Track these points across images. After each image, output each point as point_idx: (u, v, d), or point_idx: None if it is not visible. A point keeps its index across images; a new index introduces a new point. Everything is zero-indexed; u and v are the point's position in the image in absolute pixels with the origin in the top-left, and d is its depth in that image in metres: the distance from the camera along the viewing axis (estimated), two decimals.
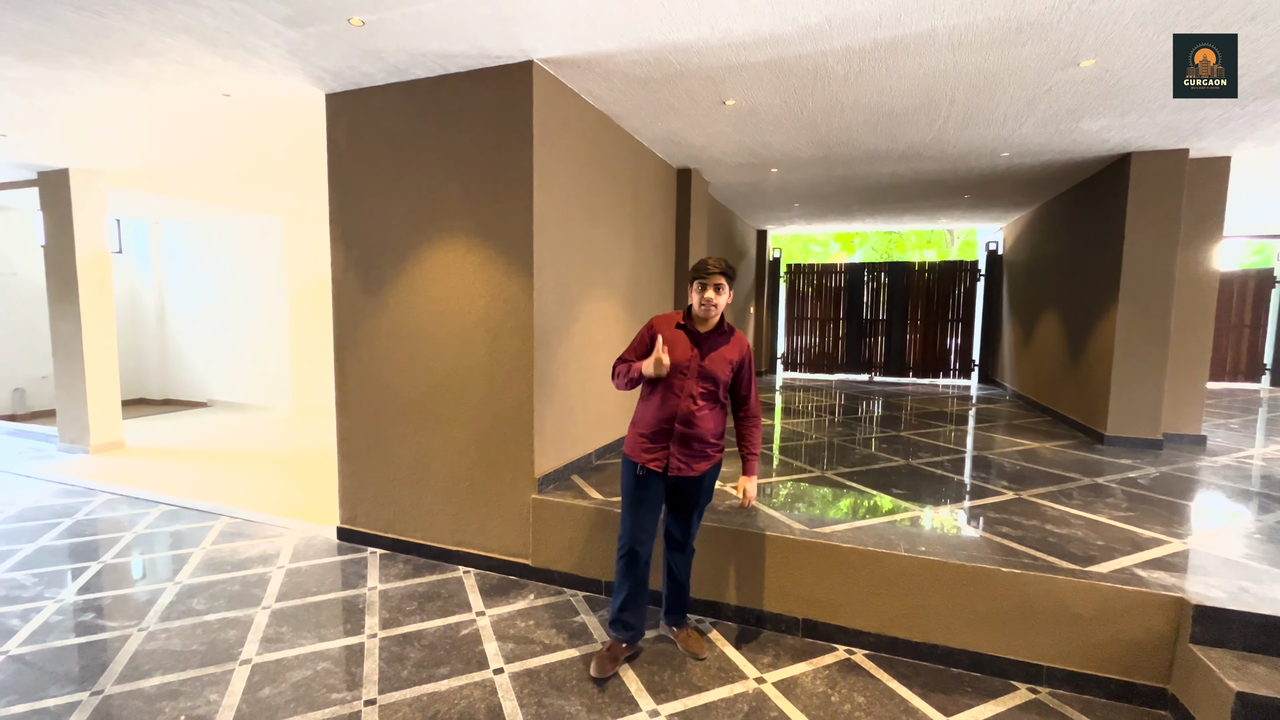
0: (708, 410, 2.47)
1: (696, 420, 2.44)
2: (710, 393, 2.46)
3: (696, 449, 2.46)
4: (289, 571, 3.45)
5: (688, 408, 2.43)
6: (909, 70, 3.29)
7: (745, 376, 2.55)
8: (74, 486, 5.02)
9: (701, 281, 2.42)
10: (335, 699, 2.35)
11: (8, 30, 2.86)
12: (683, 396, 2.43)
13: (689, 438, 2.44)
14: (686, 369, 2.44)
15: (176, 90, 3.63)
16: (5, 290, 7.71)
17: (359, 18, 2.71)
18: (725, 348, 2.49)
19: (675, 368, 2.44)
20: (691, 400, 2.43)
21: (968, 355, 9.75)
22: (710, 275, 2.40)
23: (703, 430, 2.45)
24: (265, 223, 8.35)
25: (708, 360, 2.45)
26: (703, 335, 2.47)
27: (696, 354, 2.45)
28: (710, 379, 2.45)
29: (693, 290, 2.47)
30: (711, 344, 2.47)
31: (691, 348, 2.46)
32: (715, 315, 2.46)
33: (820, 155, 5.09)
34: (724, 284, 2.43)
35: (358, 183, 3.65)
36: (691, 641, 2.71)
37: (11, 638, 2.77)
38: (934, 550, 2.73)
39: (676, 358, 2.44)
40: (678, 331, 2.49)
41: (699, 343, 2.46)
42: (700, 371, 2.44)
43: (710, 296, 2.41)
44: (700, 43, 2.97)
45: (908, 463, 4.36)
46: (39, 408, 7.96)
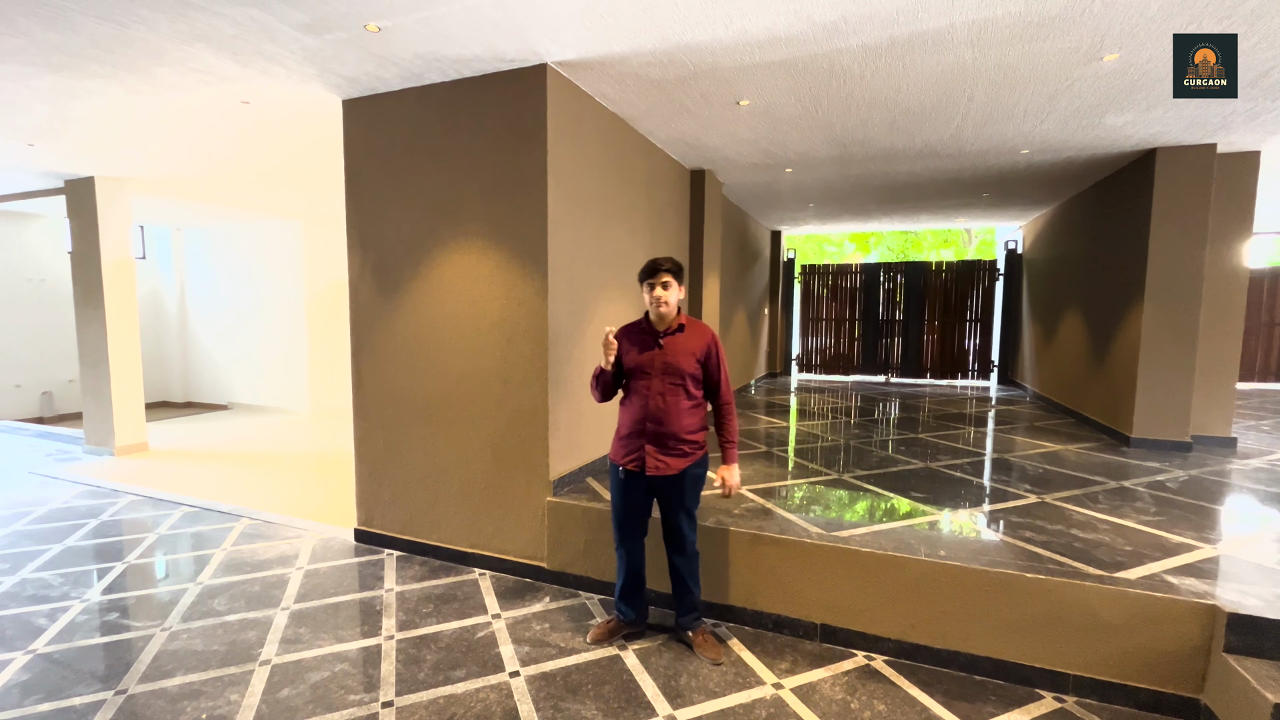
0: (678, 406, 2.51)
1: (666, 417, 2.50)
2: (677, 387, 2.51)
3: (671, 446, 2.51)
4: (307, 573, 3.48)
5: (656, 405, 2.51)
6: (927, 67, 3.24)
7: (714, 365, 2.58)
8: (100, 488, 5.12)
9: (650, 282, 2.49)
10: (353, 700, 2.36)
11: (35, 42, 2.93)
12: (651, 395, 2.51)
13: (661, 435, 2.50)
14: (651, 368, 2.52)
15: (197, 98, 3.69)
16: (34, 296, 7.90)
17: (375, 24, 2.74)
18: (686, 340, 2.55)
19: (640, 369, 2.54)
20: (660, 398, 2.51)
21: (986, 356, 9.60)
22: (657, 274, 2.48)
23: (675, 427, 2.51)
24: (284, 228, 8.47)
25: (669, 355, 2.51)
26: (661, 333, 2.56)
27: (659, 351, 2.52)
28: (675, 373, 2.51)
29: (644, 292, 2.54)
30: (673, 342, 2.55)
31: (653, 346, 2.54)
32: (670, 312, 2.53)
33: (836, 155, 5.04)
34: (672, 281, 2.49)
35: (374, 187, 3.68)
36: (707, 646, 2.68)
37: (39, 636, 2.82)
38: (955, 555, 2.68)
39: (640, 360, 2.54)
40: (640, 334, 2.59)
41: (660, 343, 2.55)
42: (664, 367, 2.51)
43: (660, 294, 2.48)
44: (714, 42, 2.96)
45: (926, 465, 4.30)
46: (66, 410, 8.14)
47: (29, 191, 6.58)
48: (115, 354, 6.16)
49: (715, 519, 3.08)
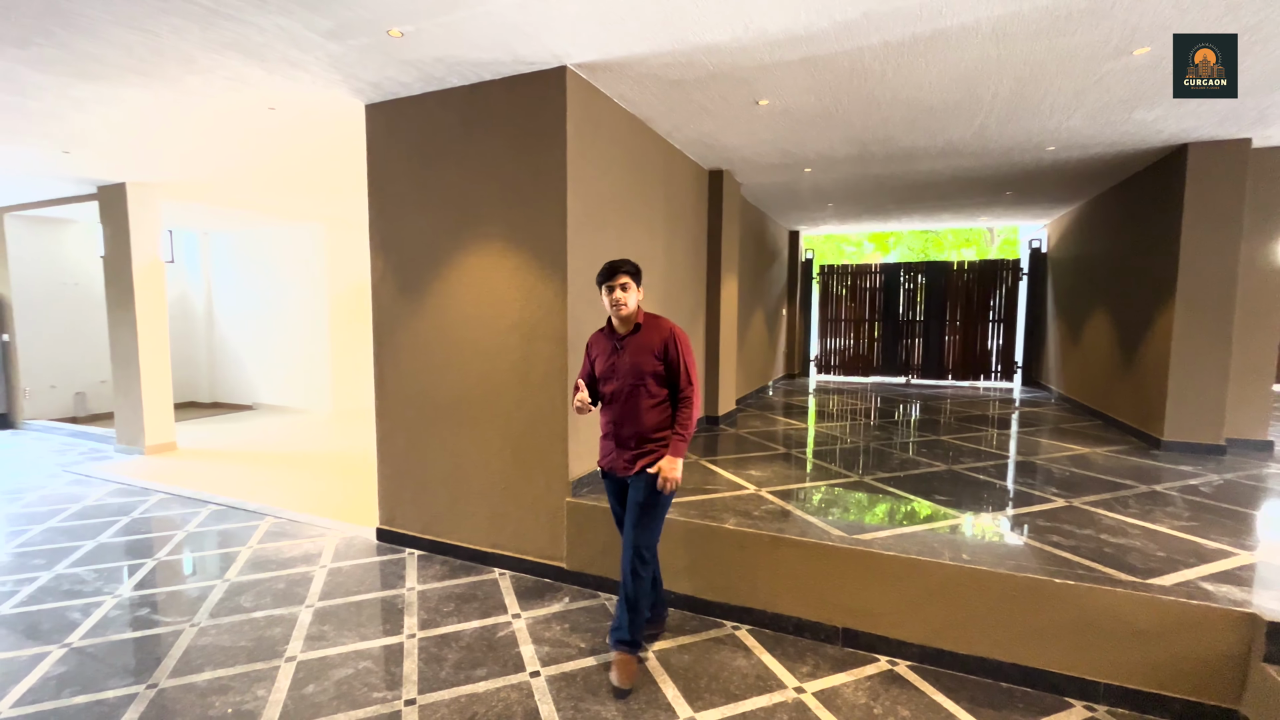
0: (639, 406, 2.49)
1: (630, 418, 2.50)
2: (638, 387, 2.48)
3: (634, 446, 2.51)
4: (330, 571, 3.53)
5: (621, 407, 2.52)
6: (950, 64, 3.20)
7: (674, 359, 2.51)
8: (130, 486, 5.25)
9: (608, 285, 2.47)
10: (376, 698, 2.39)
11: (72, 53, 3.02)
12: (616, 399, 2.53)
13: (626, 437, 2.52)
14: (614, 372, 2.52)
15: (225, 104, 3.77)
16: (68, 299, 8.13)
17: (397, 29, 2.77)
18: (644, 338, 2.51)
19: (606, 374, 2.55)
20: (624, 400, 2.51)
21: (1010, 357, 9.43)
22: (615, 277, 2.45)
23: (639, 427, 2.49)
24: (307, 231, 8.62)
25: (630, 356, 2.50)
26: (621, 336, 2.55)
27: (619, 354, 2.52)
28: (636, 373, 2.48)
29: (603, 295, 2.50)
30: (632, 343, 2.52)
31: (614, 351, 2.54)
32: (629, 313, 2.50)
33: (855, 154, 5.00)
34: (629, 282, 2.47)
35: (396, 190, 3.72)
36: (619, 668, 2.44)
37: (74, 631, 2.90)
38: (980, 559, 2.63)
39: (604, 366, 2.56)
40: (604, 340, 2.60)
41: (620, 346, 2.54)
42: (626, 369, 2.50)
43: (619, 297, 2.46)
44: (733, 43, 2.94)
45: (949, 468, 4.23)
46: (99, 410, 8.36)
47: (64, 198, 6.78)
48: (145, 355, 6.31)
49: (735, 521, 3.06)
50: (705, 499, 3.43)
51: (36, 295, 7.81)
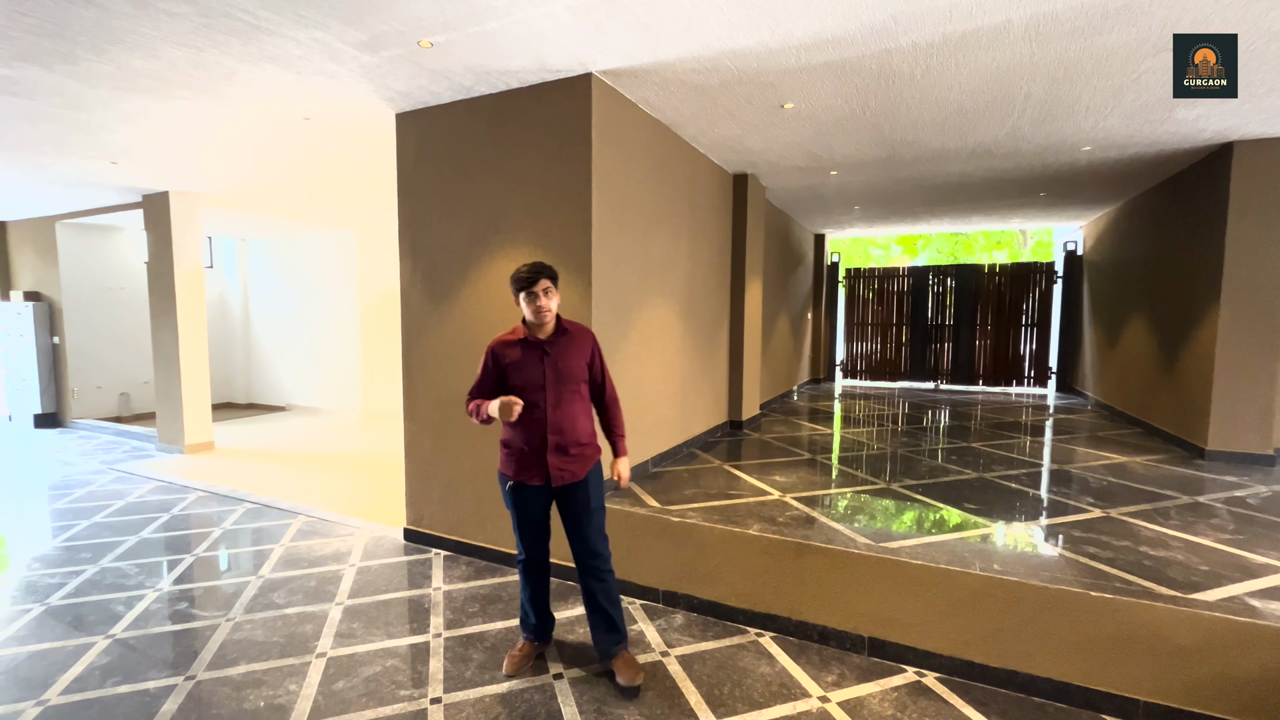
0: (575, 411, 2.45)
1: (567, 426, 2.42)
2: (574, 393, 2.44)
3: (574, 453, 2.44)
4: (359, 570, 3.61)
5: (558, 417, 2.40)
6: (981, 65, 3.14)
7: (597, 365, 2.53)
8: (171, 484, 5.44)
9: (529, 292, 2.34)
10: (403, 695, 2.43)
11: (122, 68, 3.16)
12: (549, 407, 2.39)
13: (564, 445, 2.42)
14: (544, 380, 2.40)
15: (263, 116, 3.90)
16: (114, 303, 8.47)
17: (428, 40, 2.84)
18: (572, 345, 2.45)
19: (532, 383, 2.39)
20: (558, 408, 2.40)
21: (1044, 362, 9.18)
22: (536, 282, 2.33)
23: (577, 434, 2.44)
24: (339, 237, 8.84)
25: (560, 362, 2.41)
26: (546, 342, 2.42)
27: (548, 363, 2.40)
28: (570, 379, 2.42)
29: (522, 302, 2.38)
30: (559, 348, 2.42)
31: (542, 359, 2.41)
32: (551, 319, 2.40)
33: (883, 156, 4.94)
34: (551, 286, 2.37)
35: (425, 197, 3.80)
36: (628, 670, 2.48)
37: (118, 623, 3.01)
38: (1013, 570, 2.57)
39: (529, 376, 2.39)
40: (522, 348, 2.42)
41: (546, 351, 2.41)
42: (557, 376, 2.40)
43: (542, 304, 2.35)
44: (759, 47, 2.94)
45: (980, 476, 4.14)
46: (141, 410, 8.68)
47: (111, 206, 7.07)
48: (186, 358, 6.54)
49: (759, 527, 3.04)
50: (729, 504, 3.42)
51: (85, 299, 8.16)
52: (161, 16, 2.61)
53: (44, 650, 2.77)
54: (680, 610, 3.13)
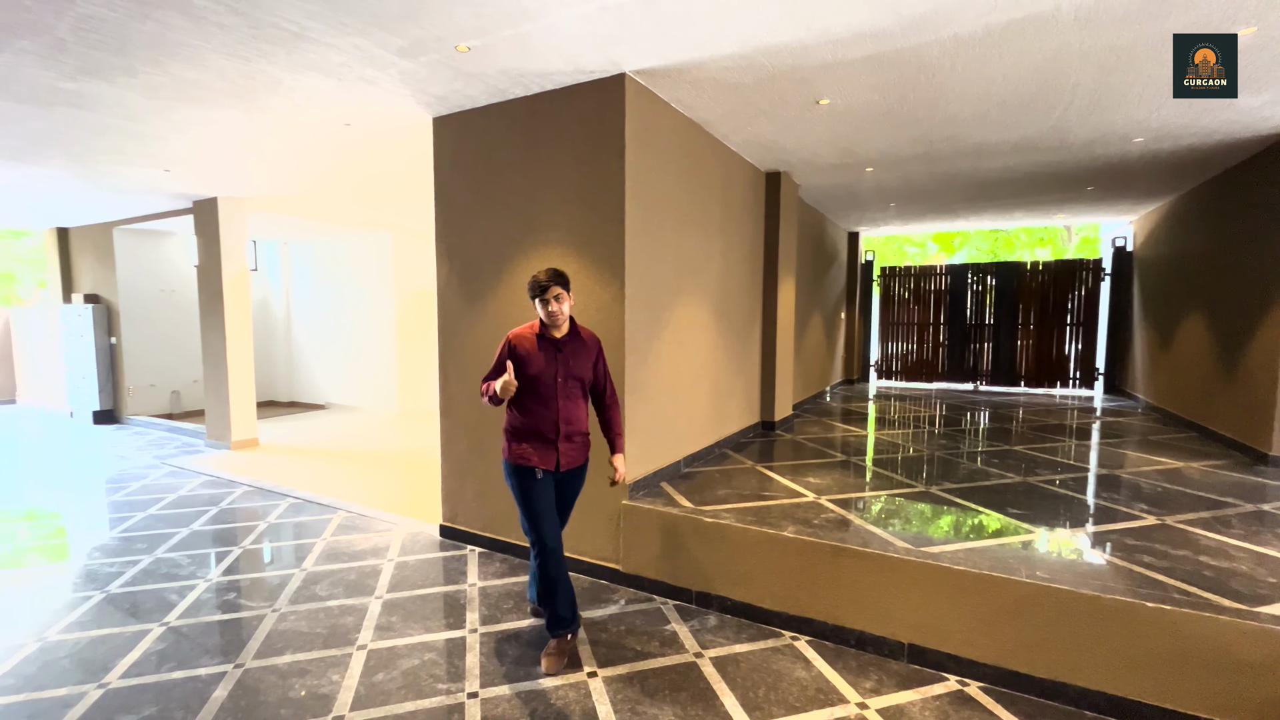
0: (579, 405, 2.71)
1: (575, 416, 2.68)
2: (578, 388, 2.70)
3: (578, 441, 2.71)
4: (397, 565, 3.69)
5: (568, 410, 2.65)
6: (1026, 55, 3.04)
7: (602, 369, 2.79)
8: (218, 478, 5.65)
9: (542, 298, 2.58)
10: (441, 689, 2.47)
11: (175, 79, 3.29)
12: (559, 399, 2.63)
13: (572, 434, 2.67)
14: (556, 375, 2.63)
15: (305, 122, 4.02)
16: (165, 305, 8.84)
17: (465, 44, 2.88)
18: (583, 347, 2.72)
19: (544, 376, 2.62)
20: (567, 400, 2.65)
21: (1090, 363, 8.83)
22: (549, 289, 2.57)
23: (581, 425, 2.72)
24: (375, 239, 9.05)
25: (572, 363, 2.66)
26: (560, 341, 2.65)
27: (561, 359, 2.64)
28: (577, 377, 2.68)
29: (537, 305, 2.62)
30: (571, 348, 2.67)
31: (554, 355, 2.64)
32: (564, 321, 2.65)
33: (921, 152, 4.82)
34: (563, 292, 2.60)
35: (461, 200, 3.86)
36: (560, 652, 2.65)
37: (171, 611, 3.14)
38: (1061, 578, 2.47)
39: (542, 367, 2.62)
40: (538, 343, 2.64)
41: (559, 348, 2.65)
42: (567, 373, 2.65)
43: (554, 308, 2.59)
44: (795, 43, 2.90)
45: (1024, 480, 4.00)
46: (191, 408, 9.04)
47: (164, 212, 7.38)
48: (233, 358, 6.79)
49: (794, 529, 3.00)
50: (762, 505, 3.38)
51: (139, 301, 8.54)
52: (213, 29, 2.71)
53: (104, 635, 2.90)
54: (713, 611, 3.11)
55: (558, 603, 2.65)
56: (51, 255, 9.06)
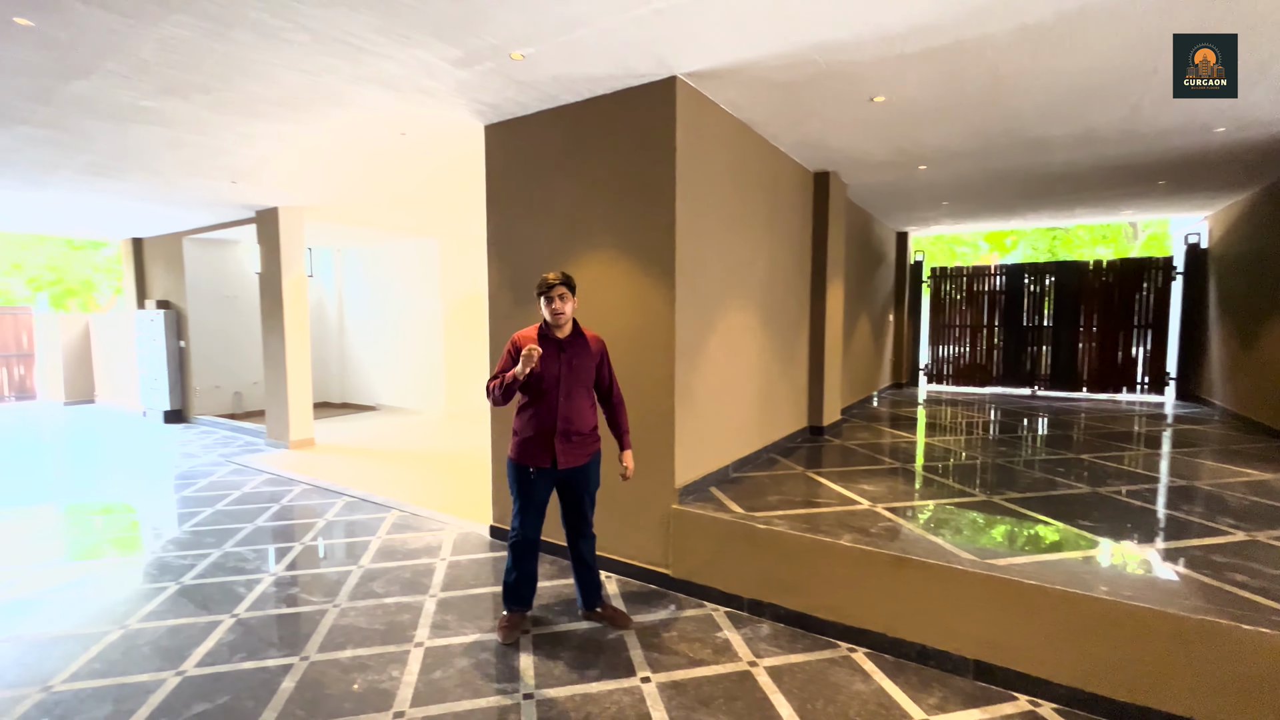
0: (583, 404, 2.80)
1: (575, 416, 2.76)
2: (583, 389, 2.79)
3: (576, 441, 2.78)
4: (450, 564, 3.76)
5: (569, 408, 2.74)
6: (1099, 42, 2.89)
7: (606, 369, 2.89)
8: (278, 476, 5.89)
9: (547, 296, 2.69)
10: (497, 689, 2.50)
11: (244, 95, 3.45)
12: (561, 399, 2.73)
13: (570, 433, 2.76)
14: (559, 374, 2.72)
15: (363, 134, 4.15)
16: (228, 311, 9.29)
17: (519, 52, 2.92)
18: (585, 348, 2.81)
19: (548, 375, 2.71)
20: (569, 400, 2.74)
21: (1160, 367, 8.35)
22: (554, 289, 2.68)
23: (582, 424, 2.79)
24: (423, 245, 9.30)
25: (575, 362, 2.76)
26: (563, 341, 2.76)
27: (564, 359, 2.73)
28: (584, 375, 2.78)
29: (542, 305, 2.72)
30: (574, 348, 2.78)
31: (558, 355, 2.74)
32: (567, 321, 2.74)
33: (978, 147, 4.65)
34: (567, 293, 2.71)
35: (511, 205, 3.92)
36: (620, 617, 3.00)
37: (240, 603, 3.28)
38: (1143, 596, 2.33)
39: (547, 368, 2.71)
40: (544, 344, 2.73)
41: (563, 348, 2.75)
42: (570, 372, 2.74)
43: (559, 307, 2.69)
44: (851, 39, 2.84)
45: (1094, 490, 3.80)
46: (252, 408, 9.46)
47: (229, 222, 7.76)
48: (291, 361, 7.07)
49: (851, 537, 2.92)
50: (815, 513, 3.31)
51: (205, 307, 8.99)
52: (282, 45, 2.83)
53: (180, 625, 3.05)
54: (766, 619, 3.06)
55: (517, 581, 2.90)
56: (127, 264, 9.64)
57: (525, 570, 2.92)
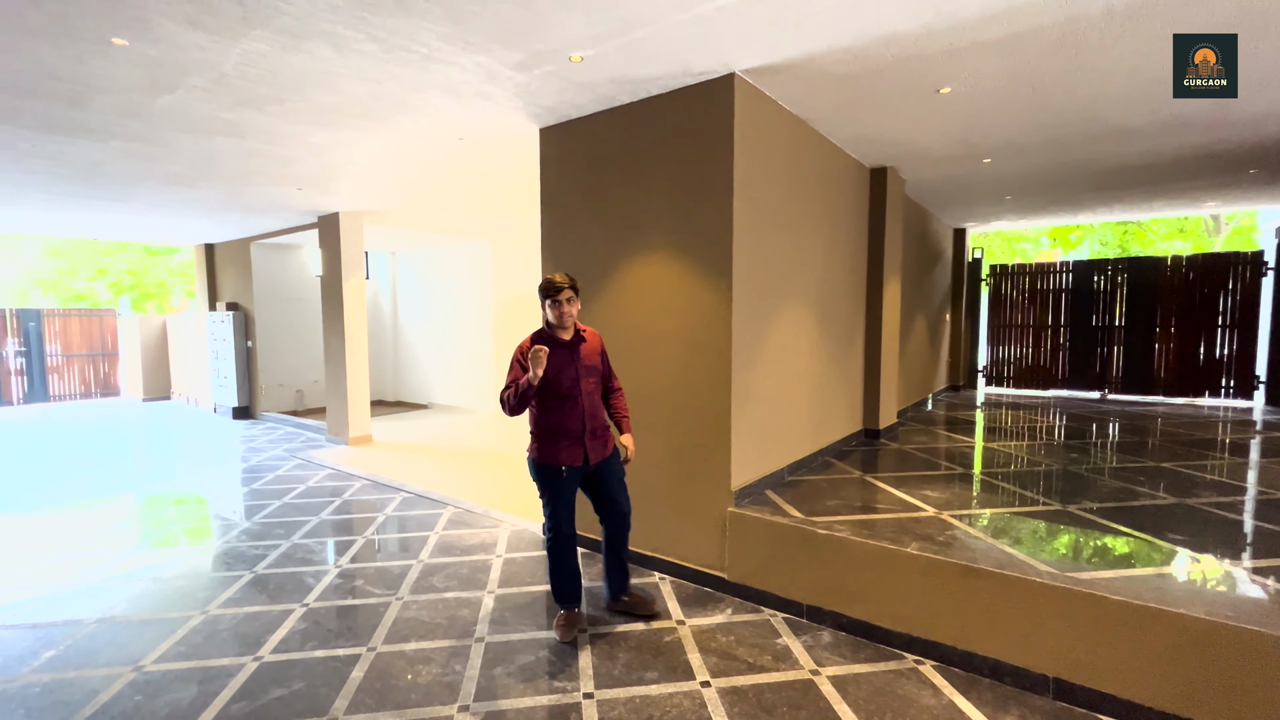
0: (599, 401, 2.94)
1: (598, 411, 2.91)
2: (596, 384, 2.91)
3: (601, 435, 2.92)
4: (505, 561, 3.82)
5: (591, 405, 2.86)
6: (1194, 22, 2.70)
7: (606, 361, 3.00)
8: (339, 471, 6.11)
9: (554, 299, 2.77)
10: (557, 687, 2.52)
11: (314, 105, 3.59)
12: (583, 397, 2.83)
13: (596, 429, 2.88)
14: (575, 374, 2.82)
15: (423, 139, 4.26)
16: (291, 312, 9.72)
17: (579, 54, 2.94)
18: (591, 344, 2.92)
19: (563, 376, 2.79)
20: (590, 397, 2.86)
21: (1248, 370, 7.76)
22: (561, 291, 2.76)
23: (603, 418, 2.96)
24: (475, 248, 9.50)
25: (585, 359, 2.87)
26: (570, 343, 2.84)
27: (576, 360, 2.83)
28: (594, 373, 2.89)
29: (547, 307, 2.80)
30: (581, 345, 2.88)
31: (571, 357, 2.82)
32: (571, 323, 2.83)
33: (1050, 138, 4.42)
34: (573, 295, 2.80)
35: (566, 207, 3.95)
36: (641, 603, 3.11)
37: (309, 593, 3.41)
38: (1247, 617, 2.16)
39: (562, 370, 2.78)
40: (552, 347, 2.78)
41: (573, 350, 2.84)
42: (585, 370, 2.85)
43: (565, 309, 2.78)
44: (920, 29, 2.73)
45: (1180, 501, 3.56)
46: (312, 405, 9.88)
47: (294, 227, 8.11)
48: (351, 360, 7.34)
49: (918, 545, 2.82)
50: (876, 519, 3.21)
51: (270, 309, 9.44)
52: (352, 56, 2.93)
53: (255, 612, 3.20)
54: (827, 627, 2.98)
55: (563, 580, 2.96)
56: (199, 268, 10.21)
57: (571, 567, 2.98)
